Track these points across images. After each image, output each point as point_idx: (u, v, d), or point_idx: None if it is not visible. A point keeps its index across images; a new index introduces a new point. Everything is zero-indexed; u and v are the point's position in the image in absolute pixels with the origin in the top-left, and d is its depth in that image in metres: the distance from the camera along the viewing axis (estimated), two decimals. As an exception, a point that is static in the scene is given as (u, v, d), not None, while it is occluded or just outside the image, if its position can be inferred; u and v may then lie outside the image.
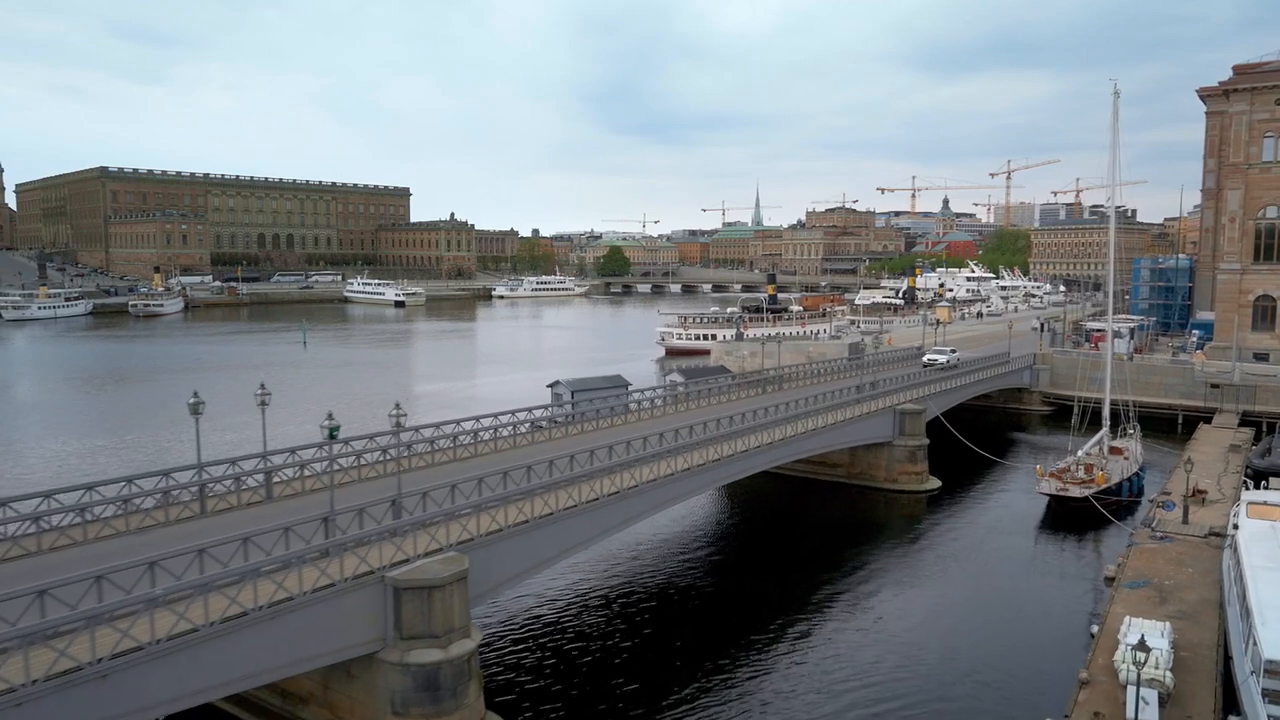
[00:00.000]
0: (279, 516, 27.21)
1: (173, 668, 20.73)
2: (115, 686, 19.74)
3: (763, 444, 44.32)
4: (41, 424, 77.58)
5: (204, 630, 21.20)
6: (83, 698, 19.03)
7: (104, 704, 19.46)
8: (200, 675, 21.45)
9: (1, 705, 17.61)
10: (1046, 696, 29.89)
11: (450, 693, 25.06)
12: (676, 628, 36.27)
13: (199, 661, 21.34)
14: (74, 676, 18.70)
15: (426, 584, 24.90)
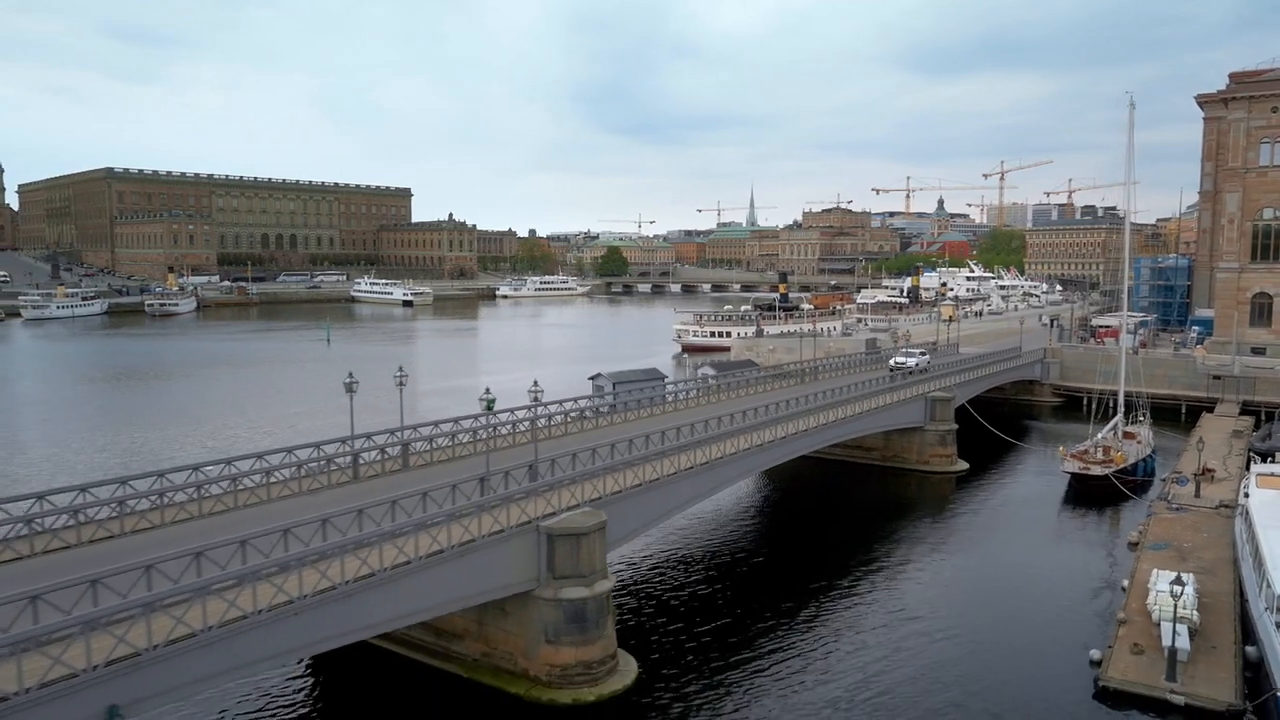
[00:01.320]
0: (419, 482, 31.39)
1: (394, 594, 25.19)
2: (358, 605, 24.23)
3: (809, 427, 48.86)
4: (123, 416, 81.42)
5: (415, 563, 25.69)
6: (326, 615, 23.45)
7: (343, 619, 23.87)
8: (410, 600, 25.93)
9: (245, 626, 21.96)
10: (1088, 635, 34.46)
11: (594, 624, 29.51)
12: (746, 587, 40.83)
13: (408, 591, 25.78)
14: (328, 595, 23.12)
15: (574, 531, 29.35)
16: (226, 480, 32.21)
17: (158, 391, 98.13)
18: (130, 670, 19.37)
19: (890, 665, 32.60)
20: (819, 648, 34.03)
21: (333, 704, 30.34)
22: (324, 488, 33.73)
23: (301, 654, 24.82)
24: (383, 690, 30.58)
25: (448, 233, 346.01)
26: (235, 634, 21.30)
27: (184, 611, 20.52)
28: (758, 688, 30.73)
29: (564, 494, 31.47)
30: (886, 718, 28.80)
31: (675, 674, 31.60)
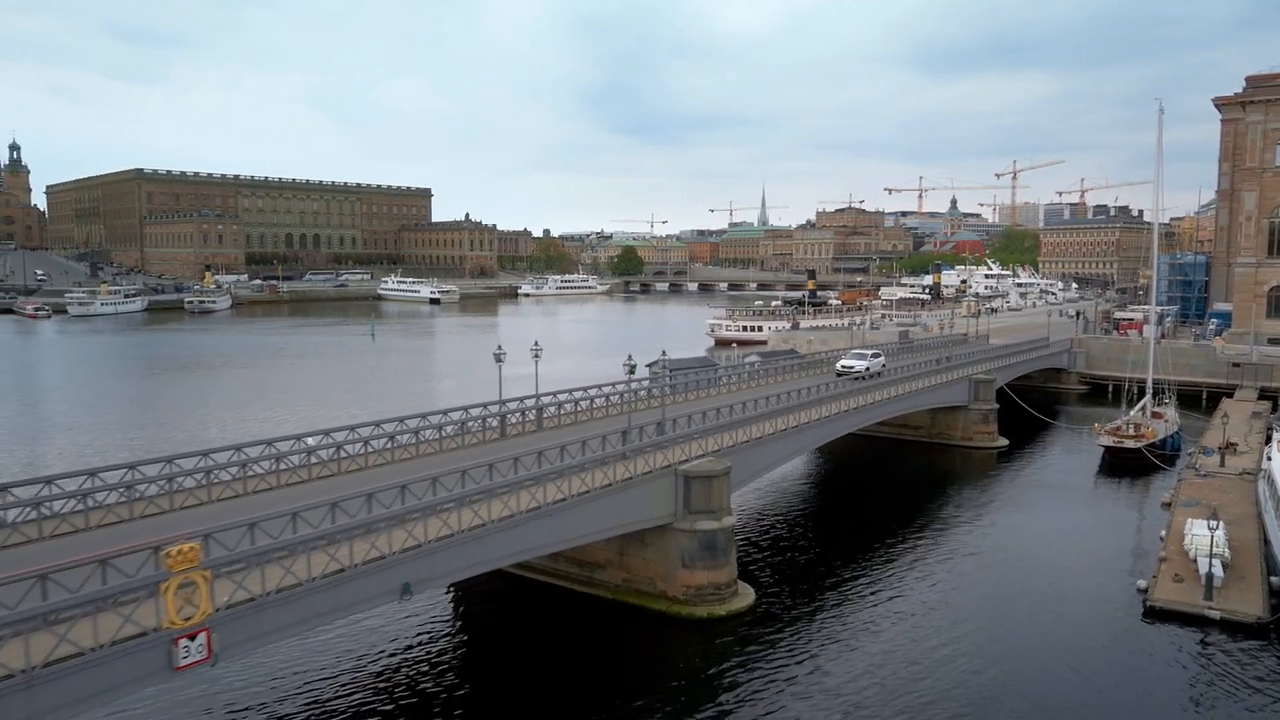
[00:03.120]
0: (557, 439, 36.84)
1: (552, 526, 30.64)
2: (537, 530, 29.80)
3: (873, 401, 54.42)
4: (214, 400, 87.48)
5: (573, 499, 31.25)
6: (516, 536, 29.05)
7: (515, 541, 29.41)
8: (577, 527, 31.54)
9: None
10: (1133, 572, 39.90)
11: (722, 552, 35.15)
12: (828, 538, 46.49)
13: (575, 520, 31.39)
14: (510, 522, 28.73)
15: (707, 474, 34.98)
16: (384, 439, 37.72)
17: (246, 379, 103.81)
18: (414, 558, 25.06)
19: (958, 596, 38.21)
20: (892, 583, 39.60)
21: (505, 623, 36.00)
22: (479, 444, 39.47)
23: (501, 564, 30.22)
24: (542, 610, 36.26)
25: (468, 232, 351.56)
26: (447, 547, 26.64)
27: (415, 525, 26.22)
28: (847, 615, 36.33)
29: (691, 446, 37.14)
30: (958, 635, 34.24)
31: (782, 600, 37.20)
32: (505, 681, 30.76)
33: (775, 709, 28.27)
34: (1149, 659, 32.19)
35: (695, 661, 32.27)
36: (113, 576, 19.51)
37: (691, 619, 34.42)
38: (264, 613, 21.42)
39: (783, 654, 32.26)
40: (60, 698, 17.99)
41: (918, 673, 30.99)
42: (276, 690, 28.81)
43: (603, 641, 34.23)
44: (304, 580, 22.16)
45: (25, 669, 17.30)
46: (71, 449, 62.74)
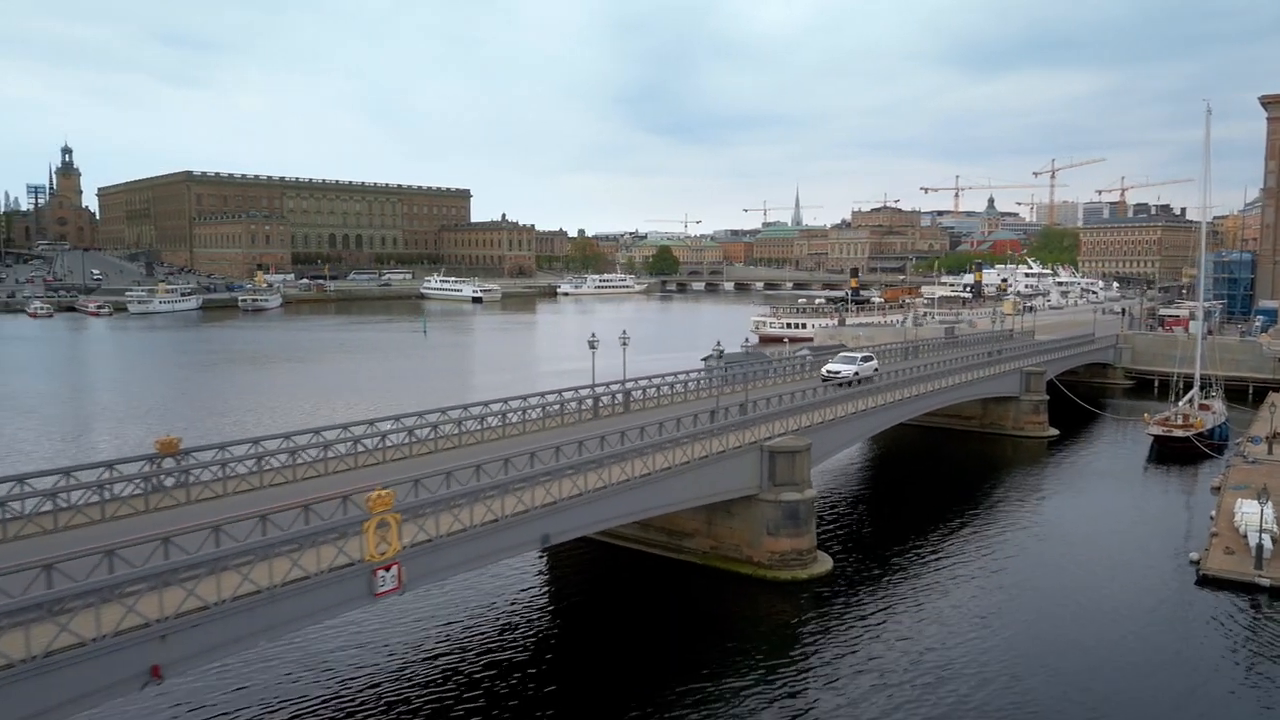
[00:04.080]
0: (647, 418, 40.19)
1: (660, 490, 34.00)
2: (638, 495, 33.13)
3: (931, 389, 57.31)
4: (314, 388, 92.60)
5: (676, 467, 34.61)
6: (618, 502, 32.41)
7: (630, 502, 32.76)
8: (672, 494, 34.87)
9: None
10: (1185, 547, 42.48)
11: (803, 521, 38.37)
12: (897, 514, 49.54)
13: (672, 487, 34.72)
14: (621, 487, 32.11)
15: (790, 449, 38.22)
16: (496, 416, 41.39)
17: (332, 370, 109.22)
18: (552, 513, 28.58)
19: (1017, 564, 41.41)
20: (954, 554, 42.63)
21: (599, 585, 39.49)
22: (575, 423, 42.99)
23: (618, 522, 33.72)
24: (633, 574, 39.70)
25: (507, 233, 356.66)
26: (578, 504, 30.08)
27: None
28: (916, 579, 39.44)
29: (774, 425, 40.46)
30: (1019, 596, 37.24)
31: (857, 567, 40.38)
32: (603, 636, 34.15)
33: (858, 658, 31.40)
34: (1203, 620, 34.89)
35: (782, 619, 35.52)
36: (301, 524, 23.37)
37: (777, 581, 37.68)
38: (439, 552, 25.01)
39: (861, 611, 35.43)
40: (293, 611, 21.70)
41: (983, 625, 34.17)
42: (391, 642, 32.14)
43: (695, 601, 37.50)
44: (468, 527, 25.72)
45: (269, 586, 20.98)
46: (226, 426, 66.90)
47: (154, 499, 28.47)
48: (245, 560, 20.89)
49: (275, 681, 28.81)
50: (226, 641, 20.57)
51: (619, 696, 28.48)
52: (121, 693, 19.23)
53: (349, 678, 29.22)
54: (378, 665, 30.23)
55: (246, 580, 20.56)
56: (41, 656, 17.38)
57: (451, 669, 30.10)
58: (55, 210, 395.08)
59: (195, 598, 19.67)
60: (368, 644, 31.64)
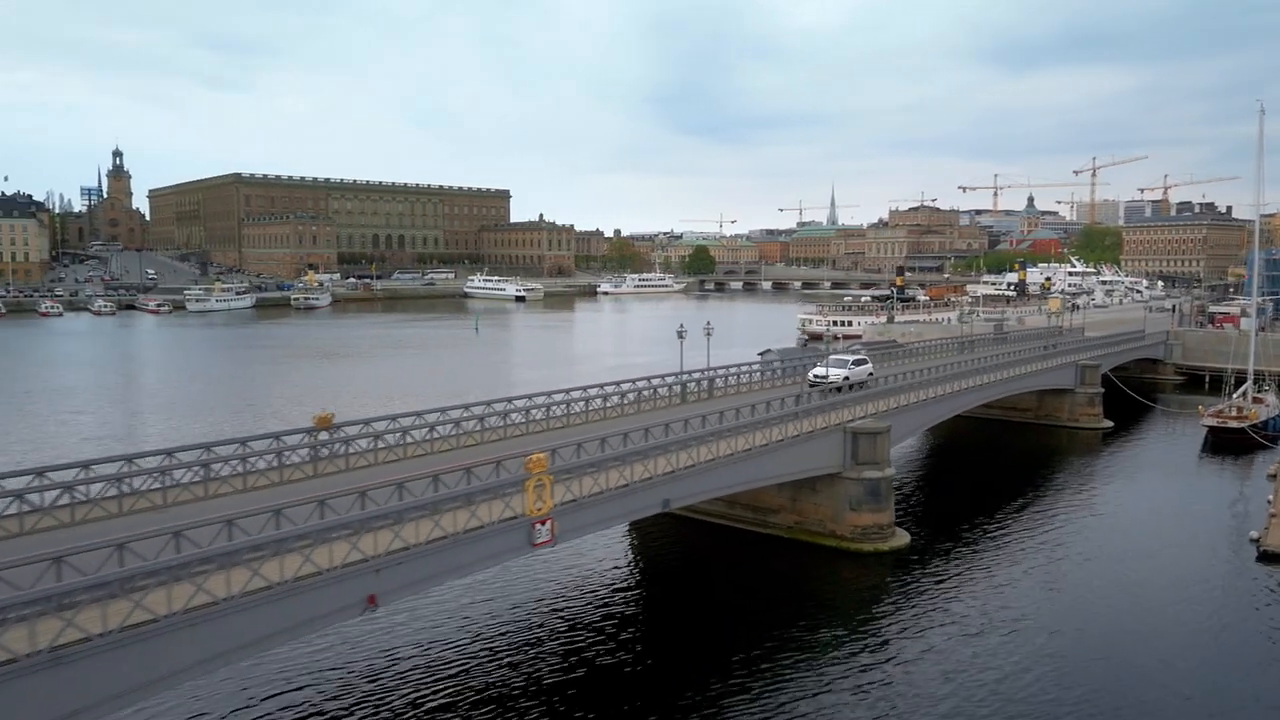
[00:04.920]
0: (731, 403, 43.26)
1: (759, 465, 37.10)
2: (741, 469, 36.18)
3: (993, 380, 59.90)
4: (395, 379, 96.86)
5: (774, 444, 37.66)
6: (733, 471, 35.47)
7: (734, 474, 35.81)
8: (765, 470, 37.91)
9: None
10: (1243, 528, 44.75)
11: (884, 498, 41.29)
12: (966, 495, 52.15)
13: (768, 463, 37.76)
14: (714, 464, 35.18)
15: (872, 431, 41.14)
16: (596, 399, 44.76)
17: (404, 363, 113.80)
18: (671, 480, 31.77)
19: (1082, 540, 44.08)
20: (1020, 532, 45.33)
21: (688, 557, 42.63)
22: (666, 407, 46.28)
23: (724, 492, 36.96)
24: (725, 547, 42.81)
25: (547, 233, 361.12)
26: (692, 474, 33.27)
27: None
28: (988, 552, 42.24)
29: (855, 409, 43.42)
30: (1085, 567, 39.92)
31: (932, 541, 43.16)
32: (692, 602, 37.19)
33: (941, 615, 34.27)
34: (1265, 590, 37.30)
35: (867, 586, 38.46)
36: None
37: (860, 553, 40.63)
38: (582, 511, 28.32)
39: (939, 578, 38.33)
40: (471, 556, 25.14)
41: (1051, 589, 37.25)
42: (486, 611, 34.86)
43: (782, 570, 40.53)
44: (605, 489, 28.99)
45: (453, 533, 24.36)
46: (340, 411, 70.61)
47: (320, 465, 32.07)
48: (429, 513, 24.29)
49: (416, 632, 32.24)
50: (422, 579, 24.04)
51: (712, 656, 31.15)
52: (346, 617, 22.76)
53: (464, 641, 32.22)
54: (485, 630, 33.01)
55: (437, 527, 23.97)
56: (291, 580, 20.84)
57: (551, 633, 32.80)
58: (107, 212, 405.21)
59: (399, 540, 23.09)
60: (479, 610, 34.62)
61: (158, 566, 19.19)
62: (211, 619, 19.61)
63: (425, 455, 34.24)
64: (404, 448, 34.43)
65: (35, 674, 16.93)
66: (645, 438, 32.88)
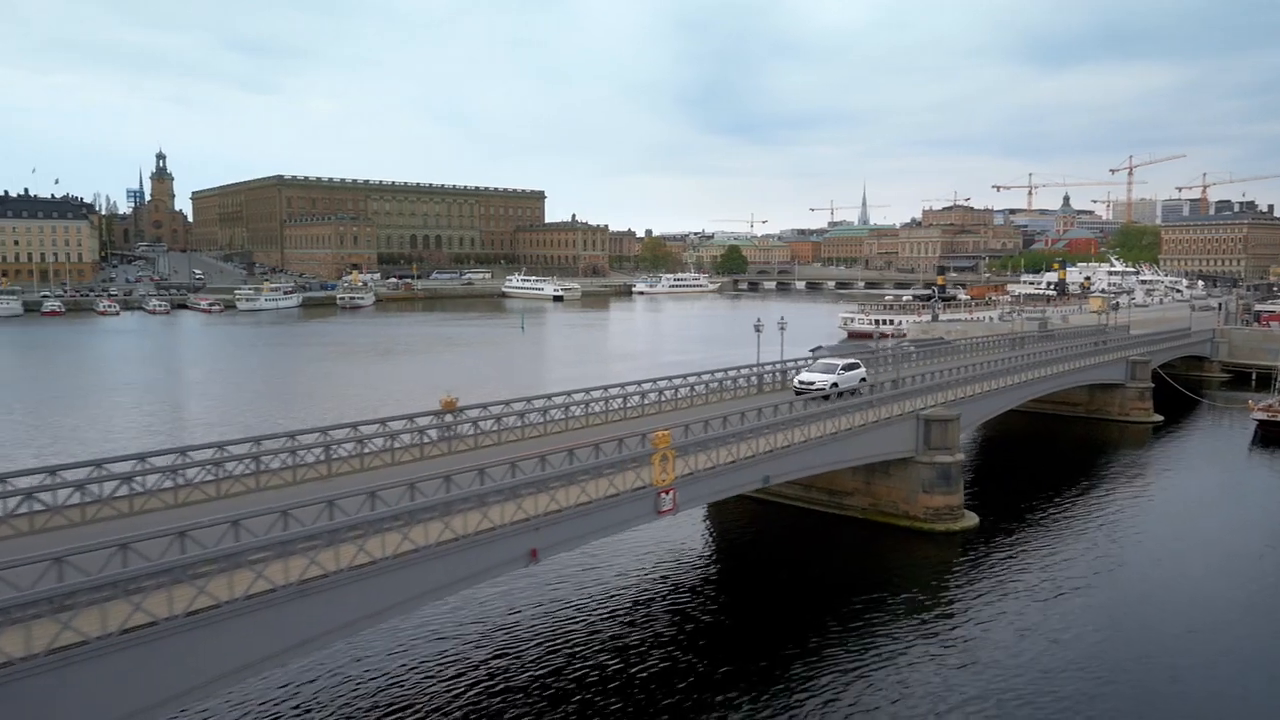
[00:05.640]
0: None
1: (838, 449, 39.91)
2: (824, 451, 39.03)
3: (1046, 375, 62.25)
4: (470, 372, 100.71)
5: (855, 428, 40.48)
6: (819, 452, 38.34)
7: (820, 456, 38.68)
8: (845, 452, 40.76)
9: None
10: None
11: (954, 481, 44.04)
12: (1027, 482, 54.68)
13: (848, 446, 40.60)
14: (747, 460, 38.04)
15: (943, 418, 43.85)
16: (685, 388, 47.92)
17: (465, 358, 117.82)
18: (772, 459, 34.72)
19: (1143, 523, 46.60)
20: (1080, 516, 47.73)
21: (765, 536, 45.53)
22: (744, 397, 49.32)
23: (808, 473, 39.85)
24: (802, 526, 45.68)
25: (581, 233, 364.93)
26: (788, 454, 36.15)
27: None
28: (1052, 532, 44.79)
29: (926, 398, 46.18)
30: (1146, 544, 42.42)
31: (999, 523, 45.72)
32: (772, 577, 40.02)
33: (1011, 587, 36.98)
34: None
35: (940, 561, 41.14)
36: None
37: (932, 532, 43.36)
38: (697, 483, 31.39)
39: (1007, 556, 41.03)
40: (609, 520, 28.30)
41: (1114, 563, 39.94)
42: (587, 585, 37.61)
43: (857, 549, 43.34)
44: (717, 465, 32.05)
45: (596, 498, 27.51)
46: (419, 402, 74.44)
47: (450, 445, 35.40)
48: (574, 481, 27.48)
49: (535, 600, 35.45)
50: (573, 537, 27.24)
51: (796, 622, 33.85)
52: (511, 569, 26.03)
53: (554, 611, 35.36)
54: (572, 603, 35.69)
55: (583, 493, 27.15)
56: (468, 537, 24.08)
57: (634, 607, 35.30)
58: (151, 213, 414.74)
59: (554, 502, 26.27)
60: (568, 586, 37.44)
61: (361, 521, 22.46)
62: (412, 565, 22.86)
63: (540, 436, 37.45)
64: (521, 429, 37.69)
65: (289, 602, 20.24)
66: (742, 420, 35.92)
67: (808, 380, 49.73)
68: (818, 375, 50.11)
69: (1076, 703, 27.50)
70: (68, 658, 16.65)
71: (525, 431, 37.68)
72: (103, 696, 17.45)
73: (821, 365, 52.27)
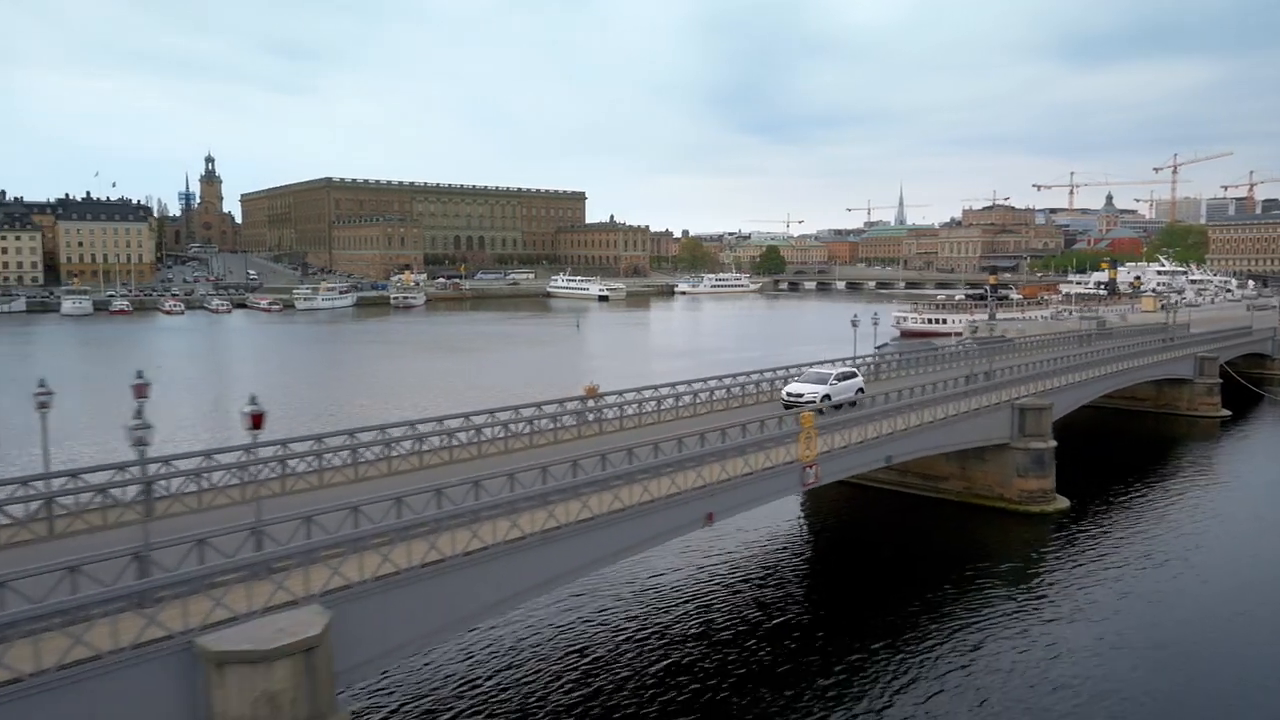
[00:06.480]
0: (907, 382, 49.21)
1: (947, 433, 43.11)
2: (929, 435, 42.16)
3: (1119, 370, 64.86)
4: (548, 368, 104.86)
5: (961, 414, 43.58)
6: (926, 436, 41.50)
7: (925, 439, 41.86)
8: (948, 437, 43.89)
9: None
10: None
11: (1047, 466, 47.06)
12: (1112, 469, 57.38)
13: (949, 433, 43.73)
14: (873, 441, 41.18)
15: (1037, 407, 46.91)
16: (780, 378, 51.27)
17: (541, 354, 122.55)
18: (891, 440, 38.00)
19: (1221, 508, 49.28)
20: (1164, 504, 50.36)
21: (871, 515, 48.75)
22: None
23: (923, 454, 43.09)
24: (898, 509, 48.85)
25: (623, 233, 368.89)
26: (905, 435, 39.38)
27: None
28: (1140, 514, 47.63)
29: (1018, 389, 49.22)
30: (1230, 529, 45.13)
31: (1087, 507, 48.57)
32: (871, 556, 43.17)
33: (1103, 564, 39.90)
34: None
35: (1037, 540, 44.13)
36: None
37: (1027, 514, 46.37)
38: (833, 460, 34.79)
39: (1100, 535, 43.99)
40: (766, 490, 31.74)
41: (1196, 543, 42.43)
42: (695, 570, 40.25)
43: (955, 529, 46.40)
44: (849, 444, 35.44)
45: (756, 469, 30.98)
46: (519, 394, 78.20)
47: (586, 429, 39.10)
48: (741, 453, 31.04)
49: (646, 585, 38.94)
50: (740, 503, 30.83)
51: (901, 593, 36.69)
52: (689, 530, 29.55)
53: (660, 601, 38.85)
54: (681, 587, 38.53)
55: (746, 464, 30.63)
56: (660, 500, 27.63)
57: (740, 585, 38.00)
58: (201, 215, 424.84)
59: (725, 471, 29.84)
60: (681, 571, 39.98)
61: (566, 486, 26.11)
62: (603, 527, 26.35)
63: (673, 420, 41.03)
64: (657, 414, 41.33)
65: (529, 550, 23.91)
66: (872, 403, 39.34)
67: (796, 392, 45.06)
68: (807, 387, 45.43)
69: (1182, 661, 30.50)
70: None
71: (661, 415, 41.27)
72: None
73: (813, 375, 47.39)
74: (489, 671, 28.95)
